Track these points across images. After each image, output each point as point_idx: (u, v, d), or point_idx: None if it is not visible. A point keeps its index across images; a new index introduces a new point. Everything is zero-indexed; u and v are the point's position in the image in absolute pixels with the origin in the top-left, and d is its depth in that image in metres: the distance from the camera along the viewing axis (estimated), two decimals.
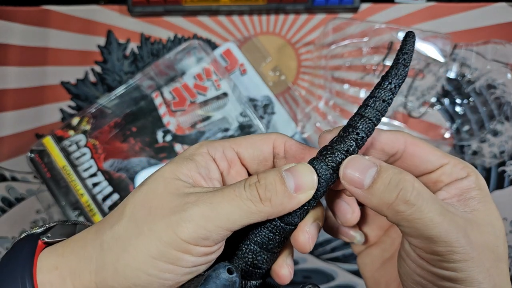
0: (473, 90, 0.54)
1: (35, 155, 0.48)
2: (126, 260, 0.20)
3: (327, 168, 0.21)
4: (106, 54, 0.55)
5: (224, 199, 0.20)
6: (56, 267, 0.21)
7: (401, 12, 0.56)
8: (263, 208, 0.20)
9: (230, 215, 0.19)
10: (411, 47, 0.22)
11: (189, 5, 0.54)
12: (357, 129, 0.21)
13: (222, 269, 0.19)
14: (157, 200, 0.20)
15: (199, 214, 0.19)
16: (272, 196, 0.20)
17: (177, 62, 0.51)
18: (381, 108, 0.21)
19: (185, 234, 0.19)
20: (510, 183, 0.53)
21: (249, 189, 0.20)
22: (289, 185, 0.20)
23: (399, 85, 0.22)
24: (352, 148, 0.21)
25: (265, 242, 0.21)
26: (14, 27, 0.54)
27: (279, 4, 0.54)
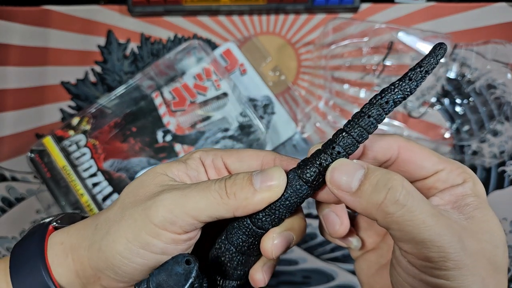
0: (473, 90, 0.54)
1: (35, 155, 0.48)
2: (107, 240, 0.22)
3: (298, 179, 0.21)
4: (106, 54, 0.55)
5: (195, 189, 0.21)
6: (61, 242, 0.24)
7: (401, 12, 0.56)
8: (228, 200, 0.20)
9: (197, 203, 0.21)
10: (432, 61, 0.20)
11: (189, 5, 0.54)
12: (335, 144, 0.20)
13: (180, 258, 0.20)
14: (143, 189, 0.22)
15: (169, 199, 0.21)
16: (237, 190, 0.21)
17: (177, 62, 0.51)
18: (366, 125, 0.20)
19: (154, 217, 0.20)
20: (510, 183, 0.53)
21: (218, 182, 0.21)
22: (255, 183, 0.21)
23: (395, 101, 0.20)
24: (326, 163, 0.20)
25: (239, 244, 0.22)
26: (14, 27, 0.54)
27: (279, 4, 0.54)
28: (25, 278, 0.23)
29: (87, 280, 0.23)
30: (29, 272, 0.23)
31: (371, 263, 0.27)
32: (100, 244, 0.22)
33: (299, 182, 0.21)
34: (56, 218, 0.26)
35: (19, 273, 0.23)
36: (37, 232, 0.25)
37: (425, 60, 0.20)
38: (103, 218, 0.23)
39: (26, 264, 0.23)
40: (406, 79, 0.20)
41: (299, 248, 0.51)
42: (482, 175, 0.53)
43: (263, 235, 0.22)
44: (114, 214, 0.22)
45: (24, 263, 0.23)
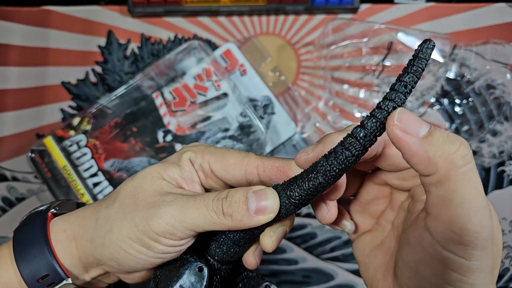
0: (472, 90, 0.54)
1: (36, 155, 0.48)
2: (111, 237, 0.23)
3: (288, 203, 0.22)
4: (107, 54, 0.55)
5: (193, 206, 0.22)
6: (64, 230, 0.25)
7: (400, 13, 0.56)
8: (225, 221, 0.22)
9: (195, 220, 0.22)
10: (420, 65, 0.18)
11: (189, 5, 0.54)
12: (319, 175, 0.20)
13: (193, 267, 0.22)
14: (142, 194, 0.24)
15: (170, 214, 0.22)
16: (234, 212, 0.22)
17: (177, 63, 0.51)
18: (347, 160, 0.20)
19: (155, 227, 0.22)
20: (509, 183, 0.53)
21: (216, 202, 0.22)
22: (251, 206, 0.22)
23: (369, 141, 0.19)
24: (312, 193, 0.21)
25: (237, 240, 0.24)
26: (14, 27, 0.54)
27: (279, 5, 0.54)
28: (31, 261, 0.24)
29: (89, 264, 0.25)
30: (35, 255, 0.24)
31: (366, 243, 0.28)
32: (103, 240, 0.24)
33: (289, 205, 0.22)
34: (53, 204, 0.27)
35: (24, 257, 0.24)
36: (37, 218, 0.26)
37: (411, 67, 0.19)
38: (103, 214, 0.24)
39: (31, 248, 0.24)
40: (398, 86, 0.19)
41: (299, 247, 0.51)
42: (482, 175, 0.53)
43: (260, 233, 0.24)
44: (115, 213, 0.24)
45: (28, 247, 0.25)
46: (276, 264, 0.51)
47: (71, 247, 0.25)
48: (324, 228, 0.52)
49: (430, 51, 0.18)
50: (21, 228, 0.26)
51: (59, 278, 0.24)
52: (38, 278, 0.24)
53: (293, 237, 0.52)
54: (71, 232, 0.25)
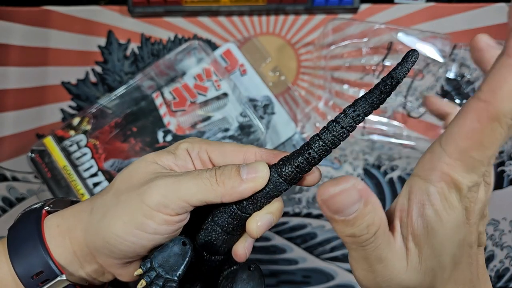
0: (472, 90, 0.54)
1: (36, 155, 0.48)
2: (104, 223, 0.24)
3: (278, 176, 0.23)
4: (107, 54, 0.55)
5: (187, 177, 0.23)
6: (58, 225, 0.25)
7: (400, 13, 0.56)
8: (217, 187, 0.23)
9: (189, 189, 0.23)
10: (403, 70, 0.20)
11: (189, 5, 0.54)
12: (310, 149, 0.22)
13: (177, 240, 0.22)
14: (136, 177, 0.24)
15: (163, 185, 0.23)
16: (226, 179, 0.23)
17: (177, 63, 0.51)
18: (338, 134, 0.22)
19: (149, 201, 0.23)
20: (509, 183, 0.53)
21: (209, 171, 0.24)
22: (242, 174, 0.23)
23: (365, 113, 0.21)
24: (302, 165, 0.23)
25: (225, 225, 0.25)
26: (15, 27, 0.54)
27: (279, 5, 0.54)
28: (25, 258, 0.24)
29: (84, 258, 0.25)
30: (29, 252, 0.24)
31: None
32: (96, 227, 0.24)
33: (279, 179, 0.23)
34: (48, 202, 0.27)
35: (18, 254, 0.24)
36: (31, 216, 0.26)
37: (397, 70, 0.20)
38: (99, 203, 0.25)
39: (25, 245, 0.24)
40: (376, 92, 0.21)
41: (299, 247, 0.51)
42: None
43: (247, 219, 0.25)
44: (110, 200, 0.24)
45: (22, 244, 0.25)
46: (276, 264, 0.51)
47: (65, 242, 0.25)
48: (324, 228, 0.52)
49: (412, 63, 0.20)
50: (16, 225, 0.26)
51: (54, 274, 0.24)
52: (33, 275, 0.24)
53: (293, 237, 0.52)
54: (65, 227, 0.25)
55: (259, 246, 0.51)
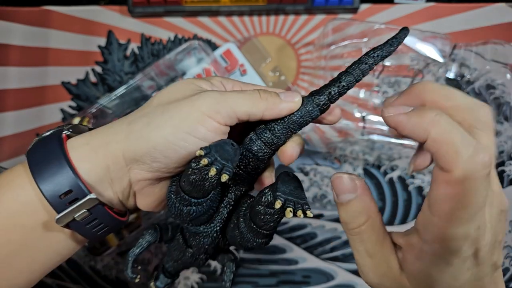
0: (472, 90, 0.54)
1: None
2: (150, 127, 0.24)
3: (311, 103, 0.26)
4: (107, 54, 0.55)
5: (233, 92, 0.25)
6: (87, 143, 0.25)
7: (400, 13, 0.56)
8: (261, 101, 0.25)
9: (237, 100, 0.25)
10: (400, 39, 0.25)
11: (189, 5, 0.54)
12: (340, 80, 0.26)
13: (228, 140, 0.24)
14: (179, 93, 0.25)
15: (213, 94, 0.25)
16: (268, 96, 0.26)
17: (178, 63, 0.51)
18: (363, 69, 0.26)
19: (202, 105, 0.24)
20: (509, 183, 0.53)
21: (252, 90, 0.26)
22: (281, 96, 0.26)
23: (382, 56, 0.26)
24: (333, 93, 0.26)
25: (257, 150, 0.27)
26: (15, 27, 0.54)
27: (279, 5, 0.54)
28: (51, 178, 0.23)
29: (116, 173, 0.25)
30: (55, 172, 0.23)
31: None
32: (140, 133, 0.24)
33: (312, 105, 0.26)
34: (66, 127, 0.27)
35: (43, 175, 0.23)
36: (51, 138, 0.25)
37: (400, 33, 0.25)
38: (137, 116, 0.25)
39: (50, 165, 0.24)
40: (395, 41, 0.25)
41: (299, 247, 0.51)
42: None
43: (277, 146, 0.27)
44: (154, 110, 0.25)
45: (46, 165, 0.24)
46: (276, 264, 0.51)
47: (98, 157, 0.24)
48: (324, 228, 0.52)
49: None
50: (34, 149, 0.25)
51: (82, 193, 0.24)
52: (60, 195, 0.23)
53: (293, 237, 0.52)
54: (96, 142, 0.25)
55: None
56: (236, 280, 0.51)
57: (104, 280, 0.50)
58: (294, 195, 0.23)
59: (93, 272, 0.50)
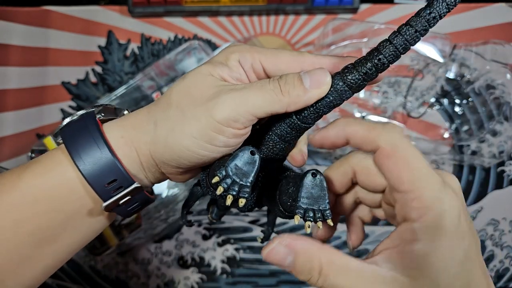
0: (472, 90, 0.54)
1: (36, 155, 0.48)
2: (174, 137, 0.24)
3: (342, 84, 0.23)
4: (107, 54, 0.55)
5: (251, 90, 0.23)
6: (122, 136, 0.25)
7: (400, 13, 0.56)
8: (283, 98, 0.23)
9: (256, 101, 0.23)
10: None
11: (189, 5, 0.54)
12: (380, 54, 0.22)
13: (246, 150, 0.23)
14: (197, 90, 0.24)
15: (231, 100, 0.23)
16: (290, 89, 0.23)
17: (178, 63, 0.51)
18: (411, 37, 0.21)
19: (219, 116, 0.23)
20: (509, 183, 0.53)
21: (272, 82, 0.24)
22: (305, 82, 0.23)
23: (440, 14, 0.22)
24: (371, 72, 0.22)
25: (283, 135, 0.26)
26: (15, 27, 0.54)
27: (279, 5, 0.54)
28: (95, 167, 0.24)
29: (149, 169, 0.26)
30: (99, 162, 0.24)
31: None
32: (166, 141, 0.24)
33: (343, 87, 0.23)
34: (97, 110, 0.27)
35: (86, 164, 0.24)
36: (90, 126, 0.25)
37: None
38: (161, 117, 0.25)
39: (92, 154, 0.24)
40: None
41: None
42: (482, 175, 0.53)
43: (306, 129, 0.25)
44: (174, 114, 0.24)
45: (90, 155, 0.24)
46: None
47: (132, 153, 0.25)
48: None
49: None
50: (73, 135, 0.25)
51: (127, 182, 0.25)
52: (105, 183, 0.24)
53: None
54: (129, 138, 0.25)
55: (259, 246, 0.51)
56: (236, 280, 0.51)
57: (104, 280, 0.50)
58: (315, 200, 0.23)
59: (93, 272, 0.50)
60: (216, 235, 0.51)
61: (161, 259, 0.51)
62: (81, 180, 0.24)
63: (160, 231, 0.50)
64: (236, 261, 0.51)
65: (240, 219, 0.52)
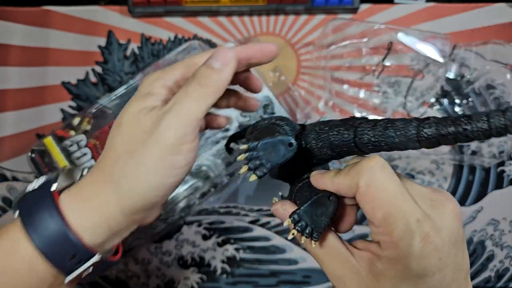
0: (472, 90, 0.54)
1: (36, 155, 0.48)
2: (139, 184, 0.24)
3: (414, 132, 0.21)
4: (107, 54, 0.55)
5: (180, 101, 0.24)
6: (81, 208, 0.25)
7: (400, 13, 0.56)
8: (207, 89, 0.24)
9: (190, 108, 0.24)
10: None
11: (189, 5, 0.54)
12: (468, 125, 0.19)
13: (286, 140, 0.23)
14: (137, 130, 0.25)
15: (170, 120, 0.24)
16: (205, 79, 0.24)
17: None
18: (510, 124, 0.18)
19: (170, 139, 0.23)
20: (509, 183, 0.53)
21: (191, 83, 0.25)
22: (215, 65, 0.25)
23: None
24: (448, 136, 0.20)
25: (335, 145, 0.25)
26: (15, 27, 0.54)
27: (279, 5, 0.54)
28: (55, 245, 0.24)
29: (118, 228, 0.26)
30: (58, 239, 0.24)
31: None
32: (133, 191, 0.24)
33: (414, 135, 0.21)
34: (51, 182, 0.26)
35: (45, 242, 0.24)
36: (44, 198, 0.25)
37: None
38: (118, 173, 0.25)
39: (50, 232, 0.24)
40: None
41: (299, 247, 0.51)
42: (482, 175, 0.53)
43: (356, 153, 0.25)
44: (128, 162, 0.24)
45: (47, 231, 0.24)
46: (276, 264, 0.51)
47: (95, 221, 0.25)
48: None
49: None
50: (29, 211, 0.25)
51: (88, 255, 0.25)
52: (67, 258, 0.24)
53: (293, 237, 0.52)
54: (94, 208, 0.25)
55: (259, 246, 0.51)
56: (236, 280, 0.51)
57: (104, 280, 0.50)
58: (313, 219, 0.23)
59: None
60: (216, 235, 0.51)
61: (161, 259, 0.51)
62: (40, 255, 0.24)
63: (160, 231, 0.50)
64: (236, 261, 0.51)
65: (240, 219, 0.52)
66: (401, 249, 0.20)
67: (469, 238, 0.52)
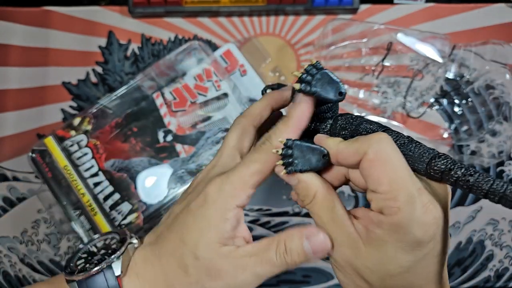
0: (471, 90, 0.54)
1: (36, 155, 0.48)
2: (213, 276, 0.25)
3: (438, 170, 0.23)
4: (107, 54, 0.55)
5: (258, 265, 0.25)
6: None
7: (400, 13, 0.57)
8: (286, 264, 0.25)
9: (260, 272, 0.25)
10: None
11: (189, 6, 0.54)
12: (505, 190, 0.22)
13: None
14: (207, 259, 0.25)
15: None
16: (294, 258, 0.25)
17: (178, 63, 0.51)
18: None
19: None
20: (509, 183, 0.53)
21: (277, 254, 0.25)
22: (306, 249, 0.25)
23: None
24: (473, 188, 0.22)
25: (344, 128, 0.27)
26: (15, 27, 0.55)
27: (279, 5, 0.54)
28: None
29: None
30: None
31: None
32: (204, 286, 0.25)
33: (437, 173, 0.23)
34: (112, 258, 0.26)
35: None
36: (109, 284, 0.25)
37: None
38: (191, 263, 0.25)
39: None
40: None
41: None
42: None
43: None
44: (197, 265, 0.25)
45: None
46: None
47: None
48: None
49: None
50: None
51: None
52: None
53: None
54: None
55: None
56: None
57: None
58: (300, 157, 0.24)
59: None
60: None
61: None
62: None
63: None
64: None
65: None
66: (404, 213, 0.21)
67: (468, 237, 0.52)
